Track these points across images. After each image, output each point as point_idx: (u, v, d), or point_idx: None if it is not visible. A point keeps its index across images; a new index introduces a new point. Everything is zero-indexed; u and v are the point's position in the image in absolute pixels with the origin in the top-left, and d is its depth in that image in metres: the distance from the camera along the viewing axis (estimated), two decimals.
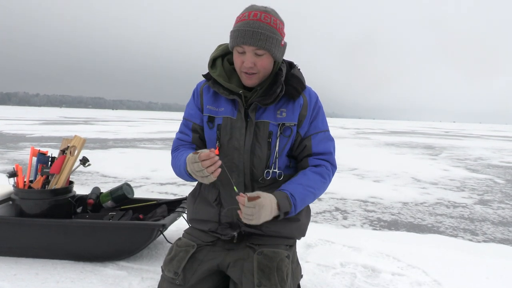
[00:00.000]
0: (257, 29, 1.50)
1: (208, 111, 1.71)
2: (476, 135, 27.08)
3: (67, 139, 2.57)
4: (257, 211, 1.41)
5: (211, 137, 1.71)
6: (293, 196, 1.54)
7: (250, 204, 1.40)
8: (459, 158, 10.46)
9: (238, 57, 1.57)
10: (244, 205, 1.41)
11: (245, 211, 1.41)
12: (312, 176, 1.63)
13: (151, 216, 2.62)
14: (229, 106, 1.67)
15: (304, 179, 1.61)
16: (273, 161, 1.66)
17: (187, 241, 1.71)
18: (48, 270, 2.18)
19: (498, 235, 3.52)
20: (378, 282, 2.20)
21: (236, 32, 1.53)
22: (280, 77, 1.62)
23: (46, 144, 10.31)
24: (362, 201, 4.70)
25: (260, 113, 1.64)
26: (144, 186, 5.20)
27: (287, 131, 1.65)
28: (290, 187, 1.57)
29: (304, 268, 2.28)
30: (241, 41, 1.51)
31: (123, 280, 2.11)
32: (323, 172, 1.66)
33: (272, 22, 1.54)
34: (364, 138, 18.85)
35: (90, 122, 26.73)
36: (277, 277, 1.51)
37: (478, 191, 5.69)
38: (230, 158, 1.66)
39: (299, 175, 1.64)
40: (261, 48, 1.52)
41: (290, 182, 1.60)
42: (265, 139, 1.64)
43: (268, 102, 1.60)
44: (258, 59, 1.54)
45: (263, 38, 1.50)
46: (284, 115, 1.65)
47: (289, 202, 1.52)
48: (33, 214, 2.32)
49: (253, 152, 1.64)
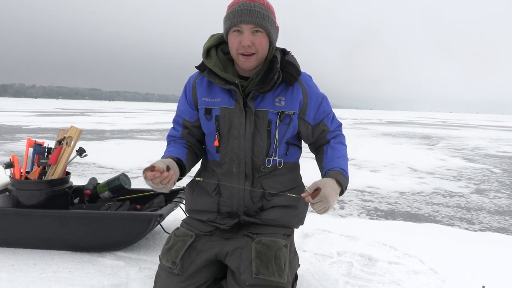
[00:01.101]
0: (253, 8, 1.51)
1: (204, 103, 1.69)
2: (473, 125, 27.15)
3: (63, 130, 2.56)
4: (325, 202, 1.46)
5: (210, 128, 1.70)
6: (343, 169, 1.63)
7: (317, 199, 1.45)
8: (456, 148, 10.49)
9: (235, 38, 1.55)
10: (311, 202, 1.46)
11: (316, 208, 1.46)
12: (339, 147, 1.74)
13: (148, 206, 2.61)
14: (225, 96, 1.66)
15: (338, 153, 1.70)
16: (274, 149, 1.67)
17: (185, 231, 1.71)
18: (45, 261, 2.18)
19: (494, 224, 3.54)
20: (374, 271, 2.22)
21: (232, 13, 1.53)
22: (275, 64, 1.61)
23: (43, 135, 10.27)
24: (359, 191, 4.71)
25: (258, 102, 1.64)
26: (141, 176, 5.19)
27: (287, 119, 1.66)
28: (335, 163, 1.65)
29: (302, 257, 2.29)
30: (239, 20, 1.51)
31: (121, 270, 2.11)
32: (342, 140, 1.80)
33: (266, 4, 1.57)
34: (361, 128, 18.87)
35: (87, 114, 26.62)
36: (275, 265, 1.51)
37: (475, 180, 5.71)
38: (230, 148, 1.67)
39: (329, 151, 1.72)
40: (259, 26, 1.52)
41: (330, 159, 1.68)
42: (264, 128, 1.64)
43: (266, 90, 1.59)
44: (256, 37, 1.54)
45: (260, 16, 1.51)
46: (283, 104, 1.65)
47: (344, 176, 1.61)
48: (30, 205, 2.31)
49: (253, 141, 1.65)
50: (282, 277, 1.50)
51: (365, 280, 2.10)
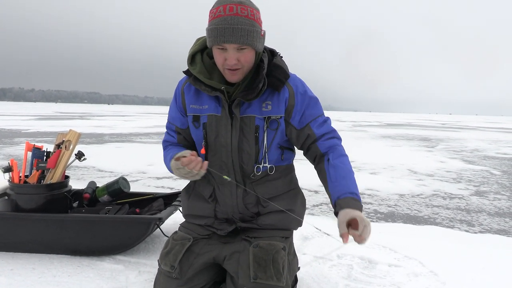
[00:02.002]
0: (236, 25, 1.41)
1: (192, 110, 1.66)
2: (472, 127, 27.17)
3: (62, 134, 2.56)
4: (367, 224, 1.37)
5: (198, 136, 1.67)
6: (352, 193, 1.51)
7: (361, 228, 1.35)
8: (455, 149, 10.49)
9: (219, 55, 1.49)
10: (357, 234, 1.35)
11: (366, 234, 1.36)
12: (340, 163, 1.61)
13: (147, 210, 2.61)
14: (212, 103, 1.61)
15: (341, 171, 1.58)
16: (263, 155, 1.64)
17: (183, 234, 1.70)
18: (44, 265, 2.17)
19: (494, 226, 3.54)
20: (374, 274, 2.21)
21: (214, 31, 1.44)
22: (261, 69, 1.55)
23: (42, 139, 10.27)
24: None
25: (245, 108, 1.59)
26: (141, 180, 5.19)
27: (274, 124, 1.61)
28: (343, 187, 1.53)
29: (301, 260, 2.28)
30: (222, 39, 1.42)
31: (120, 274, 2.11)
32: (341, 151, 1.65)
33: (250, 14, 1.45)
34: (360, 130, 18.87)
35: (85, 117, 26.61)
36: (273, 269, 1.50)
37: (474, 182, 5.71)
38: (218, 156, 1.64)
39: (331, 171, 1.59)
40: (244, 44, 1.44)
41: (335, 181, 1.56)
42: (252, 134, 1.60)
43: (251, 97, 1.54)
44: (241, 54, 1.47)
45: (244, 34, 1.42)
46: (270, 108, 1.59)
47: (355, 200, 1.49)
48: (28, 209, 2.31)
49: (241, 148, 1.61)
50: (281, 281, 1.49)
51: (365, 283, 2.10)
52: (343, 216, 1.41)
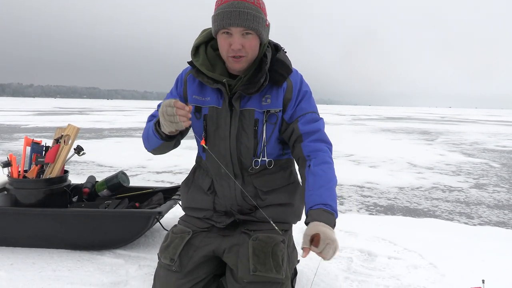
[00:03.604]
0: (243, 9, 1.43)
1: (195, 101, 1.65)
2: (471, 120, 27.17)
3: (61, 128, 2.55)
4: (332, 242, 1.28)
5: (199, 127, 1.67)
6: (326, 204, 1.42)
7: (321, 246, 1.27)
8: (455, 143, 10.50)
9: (224, 40, 1.49)
10: (317, 252, 1.28)
11: (326, 254, 1.27)
12: (321, 170, 1.50)
13: (147, 204, 2.61)
14: (214, 95, 1.62)
15: (319, 180, 1.48)
16: (261, 149, 1.63)
17: (182, 227, 1.70)
18: (45, 259, 2.18)
19: (493, 218, 3.55)
20: (374, 266, 2.22)
21: (220, 14, 1.45)
22: (264, 64, 1.55)
23: (41, 134, 10.26)
24: (359, 187, 4.72)
25: (245, 101, 1.59)
26: (140, 174, 5.19)
27: (273, 118, 1.60)
28: (317, 197, 1.44)
29: (301, 252, 2.29)
30: (228, 22, 1.44)
31: (120, 268, 2.11)
32: (324, 157, 1.55)
33: (256, 2, 1.47)
34: (360, 124, 18.86)
35: (85, 112, 26.58)
36: (272, 262, 1.51)
37: (474, 175, 5.72)
38: (217, 149, 1.63)
39: (310, 178, 1.50)
40: (249, 29, 1.45)
41: (311, 190, 1.46)
42: (251, 128, 1.59)
43: (252, 91, 1.54)
44: (246, 40, 1.47)
45: (250, 18, 1.43)
46: (269, 101, 1.59)
47: (328, 212, 1.40)
48: (28, 204, 2.31)
49: (239, 141, 1.61)
50: (280, 273, 1.49)
51: (365, 275, 2.10)
52: (309, 229, 1.34)
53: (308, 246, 1.29)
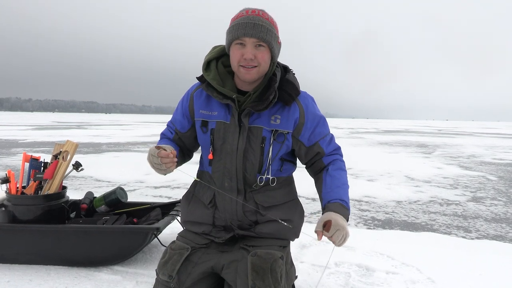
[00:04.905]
0: (258, 22, 1.52)
1: (201, 115, 1.70)
2: (468, 133, 27.27)
3: (59, 144, 2.56)
4: (342, 229, 1.47)
5: (205, 141, 1.71)
6: (342, 200, 1.60)
7: (332, 230, 1.45)
8: (452, 156, 10.53)
9: (237, 50, 1.55)
10: (328, 236, 1.46)
11: (336, 238, 1.46)
12: (338, 174, 1.69)
13: (145, 219, 2.61)
14: (222, 110, 1.66)
15: (336, 181, 1.66)
16: (266, 166, 1.67)
17: (181, 244, 1.71)
18: (42, 276, 2.17)
19: (491, 232, 3.55)
20: (372, 281, 2.22)
21: (236, 26, 1.53)
22: (273, 82, 1.61)
23: (39, 149, 10.25)
24: (356, 201, 4.72)
25: (254, 118, 1.63)
26: (138, 190, 5.19)
27: (281, 137, 1.65)
28: (335, 193, 1.62)
29: (299, 268, 2.29)
30: (242, 33, 1.51)
31: (118, 284, 2.10)
32: (341, 166, 1.74)
33: (270, 19, 1.58)
34: (357, 137, 18.92)
35: (83, 127, 26.59)
36: (271, 278, 1.51)
37: (471, 188, 5.73)
38: (223, 163, 1.67)
39: (328, 179, 1.68)
40: (262, 40, 1.52)
41: (329, 189, 1.65)
42: (258, 145, 1.64)
43: (261, 108, 1.59)
44: (259, 51, 1.55)
45: (263, 30, 1.52)
46: (278, 122, 1.64)
47: (344, 207, 1.58)
48: (26, 220, 2.30)
49: (245, 157, 1.65)
50: None
51: None
52: (323, 216, 1.52)
53: (321, 229, 1.47)
